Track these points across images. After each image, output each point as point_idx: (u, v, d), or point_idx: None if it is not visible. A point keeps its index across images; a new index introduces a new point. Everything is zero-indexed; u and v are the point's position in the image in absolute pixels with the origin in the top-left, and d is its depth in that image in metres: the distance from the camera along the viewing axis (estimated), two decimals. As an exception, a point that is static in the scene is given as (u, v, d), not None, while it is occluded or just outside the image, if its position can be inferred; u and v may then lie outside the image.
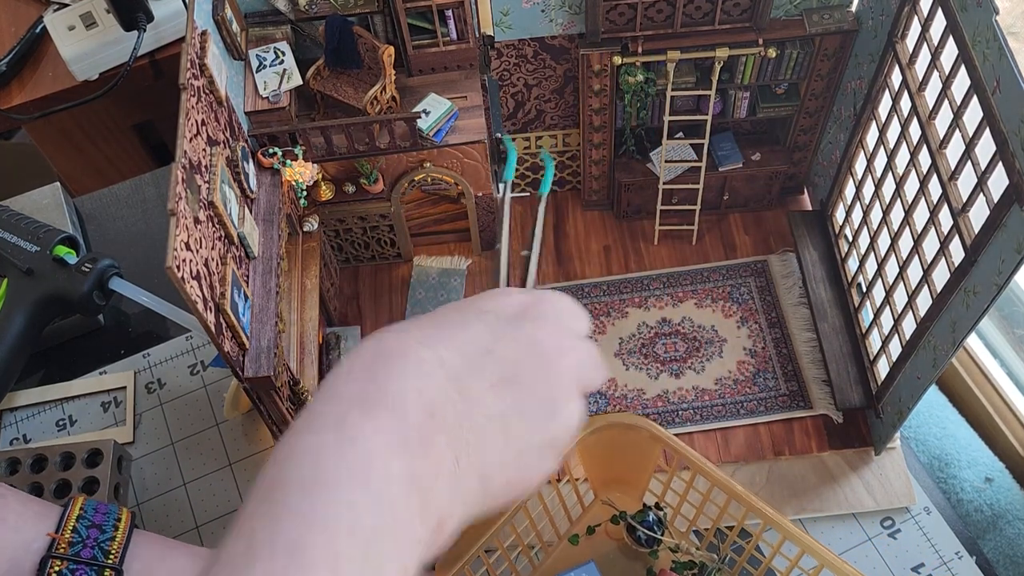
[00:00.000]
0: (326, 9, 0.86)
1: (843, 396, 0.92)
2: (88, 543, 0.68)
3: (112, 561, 0.68)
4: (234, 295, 0.71)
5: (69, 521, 0.69)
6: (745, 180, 1.03)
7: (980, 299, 0.69)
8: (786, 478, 0.91)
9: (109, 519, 0.71)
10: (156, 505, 0.95)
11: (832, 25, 0.88)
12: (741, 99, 0.97)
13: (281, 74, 0.87)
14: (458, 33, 0.89)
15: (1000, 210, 0.65)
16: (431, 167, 0.92)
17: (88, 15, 1.19)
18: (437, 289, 1.05)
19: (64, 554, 0.67)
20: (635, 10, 0.86)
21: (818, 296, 0.97)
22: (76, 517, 0.69)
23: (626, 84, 0.93)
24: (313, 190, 0.92)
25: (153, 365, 1.03)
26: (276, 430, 0.80)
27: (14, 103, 1.20)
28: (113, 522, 0.70)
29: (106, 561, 0.68)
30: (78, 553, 0.67)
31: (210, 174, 0.71)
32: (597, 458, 0.86)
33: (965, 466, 0.94)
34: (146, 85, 1.24)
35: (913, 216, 0.81)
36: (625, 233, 1.07)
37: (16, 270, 0.94)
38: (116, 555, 0.68)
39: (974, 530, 0.91)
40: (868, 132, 0.90)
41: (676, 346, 1.00)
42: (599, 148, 1.02)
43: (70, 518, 0.69)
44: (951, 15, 0.70)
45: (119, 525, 0.70)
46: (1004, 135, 0.64)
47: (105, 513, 0.71)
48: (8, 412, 1.01)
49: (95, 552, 0.68)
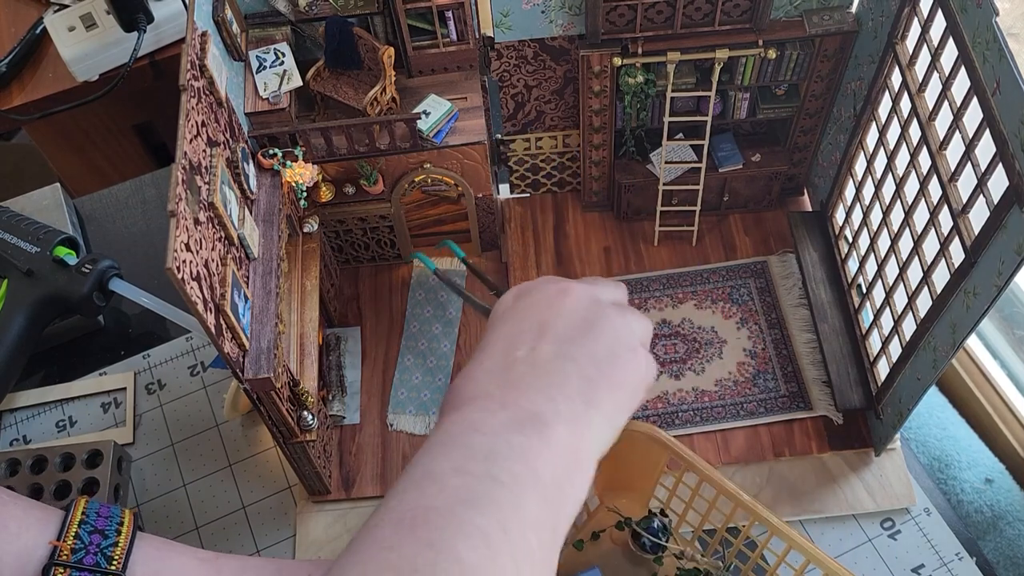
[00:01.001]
0: (326, 10, 0.86)
1: (843, 397, 0.92)
2: (91, 549, 0.67)
3: (115, 567, 0.67)
4: (234, 296, 0.71)
5: (71, 527, 0.68)
6: (745, 181, 1.03)
7: (980, 300, 0.69)
8: (786, 479, 0.91)
9: (112, 523, 0.70)
10: (156, 506, 0.94)
11: (832, 26, 0.88)
12: (741, 100, 0.97)
13: (281, 75, 0.87)
14: (458, 34, 0.89)
15: (1000, 211, 0.65)
16: (431, 168, 0.92)
17: (88, 16, 1.19)
18: (437, 290, 1.05)
19: (67, 561, 0.66)
20: (635, 11, 0.86)
21: (818, 297, 0.97)
22: (79, 522, 0.69)
23: (626, 85, 0.93)
24: (313, 191, 0.92)
25: (153, 366, 1.03)
26: (276, 431, 0.80)
27: (14, 104, 1.20)
28: (116, 526, 0.70)
29: (109, 567, 0.67)
30: (81, 560, 0.67)
31: (210, 175, 0.71)
32: (603, 463, 0.85)
33: (965, 467, 0.94)
34: (146, 86, 1.24)
35: (913, 217, 0.81)
36: (625, 234, 1.07)
37: (16, 271, 0.94)
38: (119, 561, 0.68)
39: (974, 531, 0.91)
40: (868, 133, 0.90)
41: (676, 347, 1.00)
42: (599, 149, 1.02)
43: (72, 524, 0.69)
44: (951, 16, 0.70)
45: (122, 529, 0.70)
46: (1004, 136, 0.64)
47: (108, 517, 0.71)
48: (8, 413, 1.01)
49: (98, 558, 0.67)
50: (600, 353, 0.55)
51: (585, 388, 0.53)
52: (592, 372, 0.54)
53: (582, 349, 0.55)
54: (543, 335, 0.55)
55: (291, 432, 0.81)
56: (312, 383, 0.85)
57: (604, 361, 0.55)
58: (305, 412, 0.82)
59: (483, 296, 0.95)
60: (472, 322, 1.02)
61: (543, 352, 0.54)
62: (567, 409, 0.52)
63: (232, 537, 0.93)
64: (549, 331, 0.55)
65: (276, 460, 0.96)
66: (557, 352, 0.54)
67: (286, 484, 0.95)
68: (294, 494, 0.94)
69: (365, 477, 0.93)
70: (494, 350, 0.56)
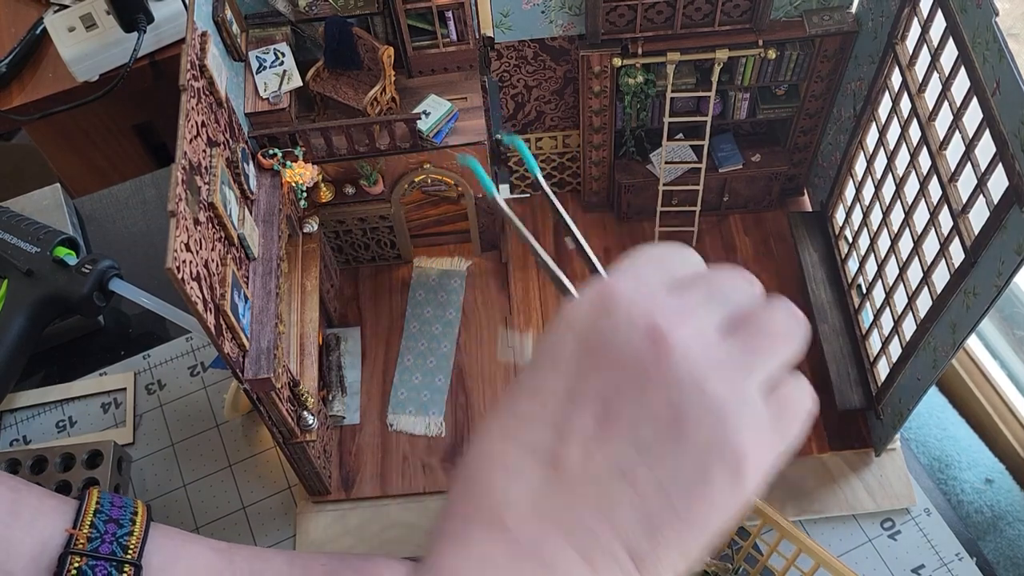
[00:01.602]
0: (326, 10, 0.86)
1: (843, 397, 0.92)
2: (106, 538, 0.67)
3: (131, 556, 0.67)
4: (234, 296, 0.71)
5: (87, 516, 0.68)
6: (745, 181, 1.03)
7: (980, 300, 0.69)
8: (786, 479, 0.91)
9: (126, 513, 0.69)
10: (156, 506, 0.94)
11: (832, 26, 0.88)
12: (741, 100, 0.97)
13: (281, 75, 0.87)
14: (458, 34, 0.89)
15: (1000, 211, 0.65)
16: (431, 168, 0.92)
17: (88, 16, 1.19)
18: (437, 290, 1.05)
19: (83, 550, 0.66)
20: (635, 11, 0.86)
21: (818, 297, 0.97)
22: (93, 511, 0.68)
23: (626, 85, 0.93)
24: (313, 191, 0.92)
25: (153, 366, 1.03)
26: (276, 431, 0.80)
27: (14, 104, 1.20)
28: (130, 516, 0.69)
29: (125, 556, 0.66)
30: (97, 549, 0.66)
31: (210, 175, 0.71)
32: None
33: (965, 467, 0.94)
34: (146, 86, 1.24)
35: (913, 217, 0.81)
36: (625, 234, 1.07)
37: (16, 271, 0.94)
38: (135, 550, 0.67)
39: (974, 531, 0.91)
40: (868, 133, 0.90)
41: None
42: (599, 149, 1.02)
43: (87, 513, 0.68)
44: (951, 16, 0.70)
45: (136, 519, 0.69)
46: (1004, 136, 0.64)
47: (121, 507, 0.70)
48: (8, 413, 1.01)
49: (114, 547, 0.67)
50: (682, 473, 0.38)
51: (641, 532, 0.38)
52: (657, 505, 0.38)
53: (653, 469, 0.38)
54: (606, 426, 0.39)
55: (291, 432, 0.81)
56: (312, 383, 0.85)
57: (683, 487, 0.38)
58: (305, 412, 0.82)
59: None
60: (472, 322, 1.02)
61: (596, 462, 0.39)
62: (606, 570, 0.38)
63: (232, 537, 0.93)
64: (615, 422, 0.39)
65: (276, 460, 0.96)
66: (615, 467, 0.38)
67: (286, 484, 0.95)
68: (294, 494, 0.94)
69: (365, 477, 0.93)
70: (536, 410, 0.40)
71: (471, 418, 0.96)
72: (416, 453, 0.95)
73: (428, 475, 0.93)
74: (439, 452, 0.94)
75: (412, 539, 0.89)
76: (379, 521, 0.91)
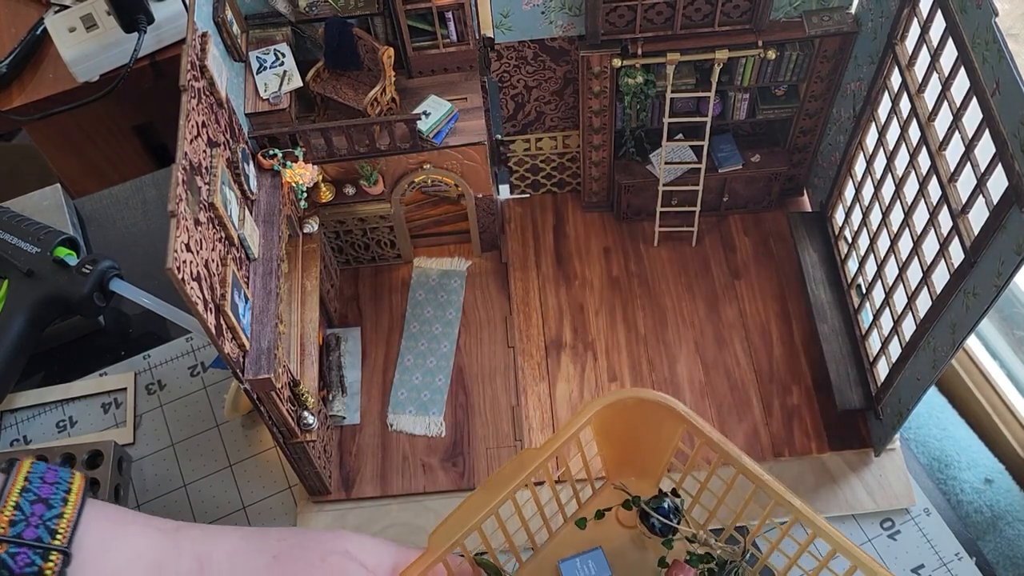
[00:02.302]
0: (326, 11, 0.86)
1: (843, 397, 0.92)
2: (32, 521, 0.59)
3: (60, 542, 0.59)
4: (234, 296, 0.71)
5: (11, 496, 0.59)
6: (745, 182, 1.03)
7: (980, 300, 0.69)
8: (786, 479, 0.91)
9: (58, 491, 0.61)
10: (156, 506, 0.95)
11: (832, 27, 0.88)
12: (741, 101, 0.97)
13: (281, 76, 0.87)
14: (458, 35, 0.89)
15: (1000, 212, 0.65)
16: (431, 168, 0.92)
17: (89, 17, 1.19)
18: (437, 290, 1.05)
19: (3, 536, 0.57)
20: (635, 12, 0.86)
21: (818, 297, 0.97)
22: (20, 490, 0.60)
23: (626, 86, 0.93)
24: (313, 192, 0.92)
25: (153, 366, 1.03)
26: (276, 431, 0.80)
27: (14, 104, 1.20)
28: (63, 495, 0.61)
29: (52, 542, 0.58)
30: (20, 534, 0.58)
31: (210, 175, 0.71)
32: (612, 436, 0.82)
33: (965, 467, 0.94)
34: (146, 87, 1.24)
35: (913, 218, 0.81)
36: (625, 234, 1.08)
37: (17, 271, 0.94)
38: (64, 535, 0.59)
39: (974, 531, 0.92)
40: (868, 134, 0.90)
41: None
42: (599, 149, 1.02)
43: (12, 492, 0.59)
44: (951, 17, 0.70)
45: (69, 498, 0.61)
46: (1004, 137, 0.64)
47: (54, 483, 0.61)
48: (8, 413, 1.01)
49: (40, 532, 0.58)
50: None
51: None
52: None
53: None
54: None
55: (291, 432, 0.81)
56: (312, 383, 0.86)
57: None
58: (305, 412, 0.82)
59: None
60: (472, 322, 1.02)
61: None
62: None
63: (232, 537, 0.93)
64: None
65: (276, 460, 0.96)
66: None
67: (286, 484, 0.95)
68: (294, 494, 0.94)
69: (365, 477, 0.93)
70: None
71: (471, 418, 0.96)
72: (416, 453, 0.95)
73: (428, 475, 0.93)
74: (439, 452, 0.95)
75: (412, 539, 0.89)
76: (379, 521, 0.91)
